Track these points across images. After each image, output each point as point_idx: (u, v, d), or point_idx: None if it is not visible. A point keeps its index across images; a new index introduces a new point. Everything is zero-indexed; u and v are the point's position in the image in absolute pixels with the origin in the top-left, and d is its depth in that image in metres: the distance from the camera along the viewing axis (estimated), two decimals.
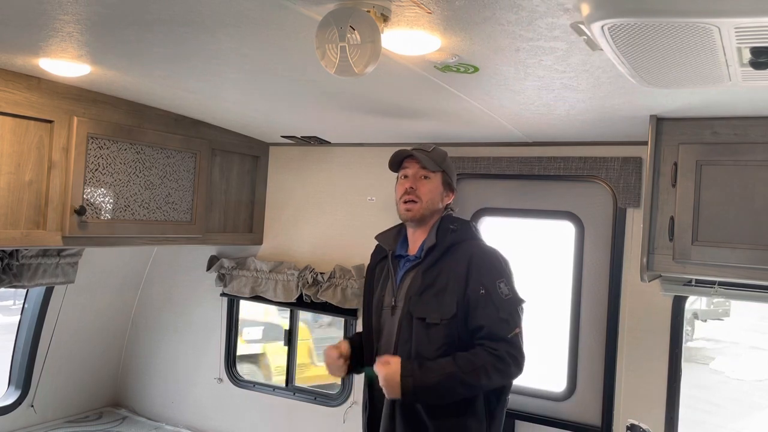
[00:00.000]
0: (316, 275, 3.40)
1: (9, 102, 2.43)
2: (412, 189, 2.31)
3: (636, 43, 1.30)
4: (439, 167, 2.34)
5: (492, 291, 2.17)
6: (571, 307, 2.90)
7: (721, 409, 8.46)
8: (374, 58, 1.47)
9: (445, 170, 2.37)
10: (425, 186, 2.31)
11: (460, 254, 2.24)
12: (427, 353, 2.17)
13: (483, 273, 2.20)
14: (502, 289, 2.18)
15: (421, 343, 2.19)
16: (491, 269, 2.22)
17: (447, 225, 2.32)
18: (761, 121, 2.14)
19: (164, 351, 4.08)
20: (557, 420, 2.88)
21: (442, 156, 2.39)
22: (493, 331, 2.14)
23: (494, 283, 2.18)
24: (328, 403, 3.51)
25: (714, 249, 2.19)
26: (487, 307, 2.15)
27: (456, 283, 2.20)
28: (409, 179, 2.34)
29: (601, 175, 2.79)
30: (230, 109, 2.96)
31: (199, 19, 1.67)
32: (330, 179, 3.55)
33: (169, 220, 3.13)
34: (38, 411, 3.70)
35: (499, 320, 2.14)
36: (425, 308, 2.20)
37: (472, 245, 2.29)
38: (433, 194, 2.33)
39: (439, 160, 2.36)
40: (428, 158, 2.33)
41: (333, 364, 2.38)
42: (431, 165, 2.32)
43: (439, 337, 2.17)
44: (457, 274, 2.20)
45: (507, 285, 2.20)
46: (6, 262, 3.07)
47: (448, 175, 2.38)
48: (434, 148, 2.39)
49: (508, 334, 2.13)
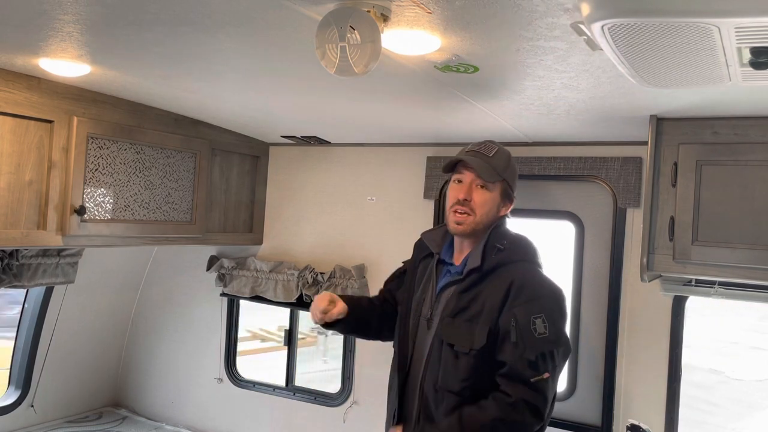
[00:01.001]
0: (316, 275, 3.40)
1: (9, 102, 2.43)
2: (466, 201, 2.04)
3: (636, 43, 1.30)
4: (500, 176, 2.05)
5: (524, 326, 1.91)
6: (571, 307, 2.89)
7: (721, 409, 8.46)
8: (374, 58, 1.46)
9: (506, 178, 2.08)
10: (481, 197, 2.05)
11: (502, 279, 2.00)
12: (452, 384, 2.00)
13: (518, 303, 1.95)
14: (537, 326, 1.91)
15: (447, 371, 2.01)
16: (530, 300, 1.95)
17: (494, 242, 2.05)
18: (761, 121, 2.14)
19: (164, 351, 4.08)
20: (557, 420, 2.87)
21: (505, 161, 2.09)
22: (514, 371, 1.91)
23: (529, 318, 1.92)
24: (328, 403, 3.51)
25: (714, 249, 2.19)
26: (515, 343, 1.91)
27: (490, 310, 1.97)
28: (464, 187, 2.06)
29: (601, 175, 2.79)
30: (230, 109, 2.96)
31: (199, 19, 1.67)
32: (330, 179, 3.55)
33: (169, 220, 3.13)
34: (38, 411, 3.70)
35: (523, 360, 1.90)
36: (455, 334, 2.00)
37: (518, 269, 2.02)
38: (489, 206, 2.06)
39: (501, 168, 2.06)
40: (488, 167, 2.03)
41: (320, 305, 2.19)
42: (491, 176, 2.03)
43: (466, 368, 1.98)
44: (494, 301, 1.97)
45: (546, 323, 1.92)
46: (6, 262, 3.06)
47: (509, 183, 2.10)
48: (498, 149, 2.09)
49: (530, 378, 1.89)
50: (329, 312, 2.22)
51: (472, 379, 1.99)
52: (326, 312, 2.21)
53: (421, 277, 2.23)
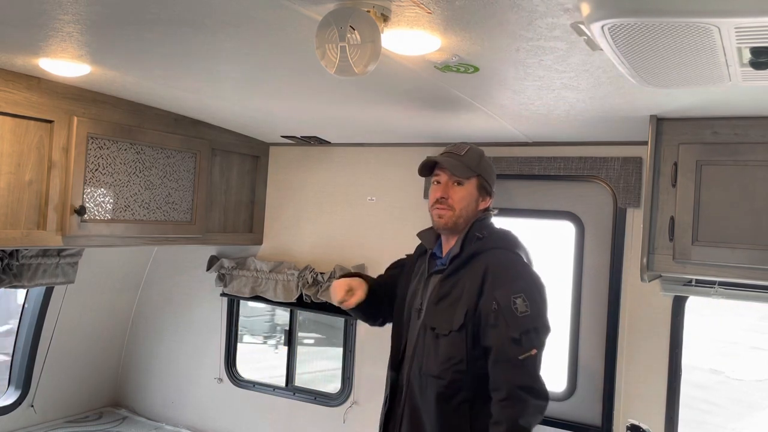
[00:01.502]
0: (316, 275, 3.40)
1: (9, 102, 2.43)
2: (444, 198, 2.18)
3: (636, 43, 1.30)
4: (474, 171, 2.20)
5: (505, 307, 2.00)
6: (571, 307, 2.89)
7: (721, 409, 8.46)
8: (374, 58, 1.46)
9: (481, 173, 2.22)
10: (458, 193, 2.18)
11: (479, 264, 2.11)
12: (433, 368, 2.10)
13: (498, 285, 2.05)
14: (518, 305, 2.00)
15: (429, 356, 2.12)
16: (508, 282, 2.05)
17: (474, 233, 2.18)
18: (761, 121, 2.14)
19: (164, 351, 4.08)
20: (557, 420, 2.87)
21: (476, 158, 2.23)
22: (501, 353, 1.99)
23: (509, 298, 2.01)
24: (328, 403, 3.51)
25: (714, 249, 2.19)
26: (497, 325, 2.00)
27: (469, 293, 2.08)
28: (441, 186, 2.21)
29: (601, 175, 2.79)
30: (230, 109, 2.96)
31: (199, 19, 1.67)
32: (330, 179, 3.54)
33: (169, 220, 3.13)
34: (38, 411, 3.70)
35: (508, 340, 1.98)
36: (437, 318, 2.12)
37: (494, 254, 2.13)
38: (467, 201, 2.19)
39: (473, 164, 2.20)
40: (460, 165, 2.17)
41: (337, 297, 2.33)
42: (463, 172, 2.18)
43: (446, 350, 2.08)
44: (472, 285, 2.09)
45: (527, 302, 2.01)
46: (6, 262, 3.06)
47: (485, 178, 2.23)
48: (469, 148, 2.24)
49: (518, 356, 1.96)
50: (347, 302, 2.35)
51: (452, 362, 2.07)
52: (343, 302, 2.35)
53: (416, 272, 2.36)
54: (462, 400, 2.08)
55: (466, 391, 2.08)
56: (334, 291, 2.37)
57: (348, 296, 2.33)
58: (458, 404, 2.09)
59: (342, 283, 2.36)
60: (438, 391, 2.09)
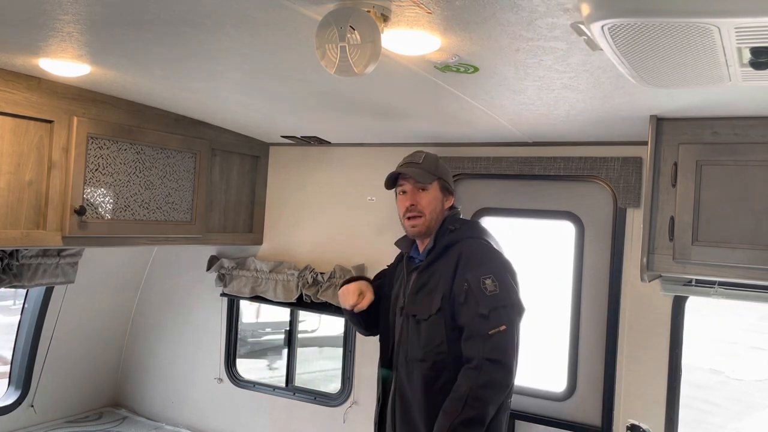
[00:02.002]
0: (316, 275, 3.40)
1: (9, 102, 2.43)
2: (413, 206, 2.30)
3: (636, 43, 1.30)
4: (434, 175, 2.33)
5: (475, 286, 2.13)
6: (571, 307, 2.89)
7: (721, 409, 8.46)
8: (374, 58, 1.47)
9: (440, 176, 2.35)
10: (424, 198, 2.31)
11: (453, 252, 2.25)
12: (416, 352, 2.22)
13: (468, 268, 2.18)
14: (487, 285, 2.13)
15: (412, 341, 2.24)
16: (478, 265, 2.19)
17: (447, 226, 2.32)
18: (761, 121, 2.14)
19: (164, 351, 4.08)
20: (557, 420, 2.87)
21: (434, 163, 2.37)
22: (472, 328, 2.11)
23: (478, 279, 2.14)
24: (328, 403, 3.51)
25: (714, 249, 2.19)
26: (467, 303, 2.13)
27: (444, 280, 2.21)
28: (408, 195, 2.33)
29: (601, 175, 2.79)
30: (230, 109, 2.96)
31: (199, 19, 1.67)
32: (330, 179, 3.54)
33: (169, 220, 3.13)
34: (38, 411, 3.70)
35: (477, 316, 2.10)
36: (417, 307, 2.25)
37: (466, 243, 2.27)
38: (434, 204, 2.32)
39: (432, 169, 2.33)
40: (421, 172, 2.31)
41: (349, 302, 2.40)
42: (426, 178, 2.30)
43: (426, 334, 2.20)
44: (446, 272, 2.22)
45: (495, 282, 2.13)
46: (6, 262, 3.07)
47: (444, 180, 2.37)
48: (425, 156, 2.37)
49: (487, 331, 2.07)
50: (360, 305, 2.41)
51: (433, 344, 2.19)
52: (355, 305, 2.41)
53: (397, 277, 2.48)
54: (445, 381, 2.16)
55: (448, 372, 2.16)
56: (345, 296, 2.43)
57: (360, 299, 2.41)
58: (442, 385, 2.16)
59: (353, 287, 2.44)
60: (423, 374, 2.20)
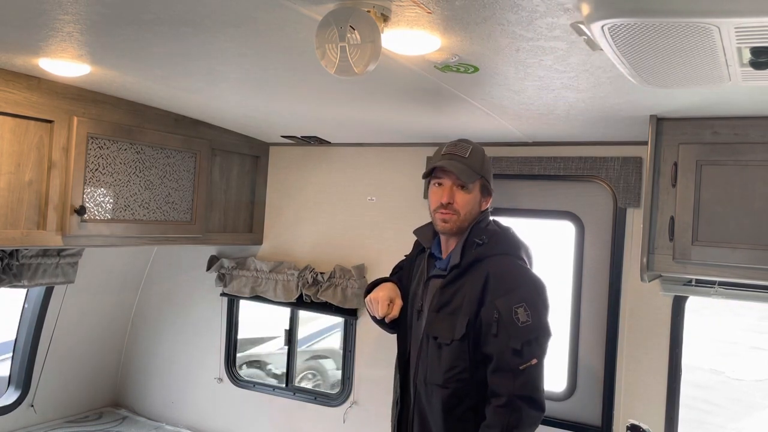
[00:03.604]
0: (316, 275, 3.40)
1: (9, 102, 2.43)
2: (449, 204, 2.12)
3: (636, 43, 1.30)
4: (478, 174, 2.14)
5: (506, 317, 1.97)
6: (571, 307, 2.89)
7: (721, 409, 8.46)
8: (374, 58, 1.46)
9: (484, 175, 2.16)
10: (463, 198, 2.13)
11: (480, 272, 2.07)
12: (436, 377, 2.10)
13: (499, 294, 2.02)
14: (520, 315, 1.97)
15: (431, 364, 2.12)
16: (509, 290, 2.02)
17: (473, 238, 2.13)
18: (761, 121, 2.14)
19: (164, 351, 4.08)
20: (557, 420, 2.87)
21: (480, 159, 2.16)
22: (502, 362, 1.97)
23: (510, 308, 1.98)
24: (328, 403, 3.51)
25: (714, 249, 2.19)
26: (498, 335, 1.97)
27: (470, 302, 2.05)
28: (445, 190, 2.13)
29: (601, 175, 2.79)
30: (230, 109, 2.96)
31: (199, 19, 1.67)
32: (330, 179, 3.54)
33: (169, 220, 3.13)
34: (38, 411, 3.70)
35: (509, 350, 1.96)
36: (438, 327, 2.11)
37: (495, 262, 2.09)
38: (471, 205, 2.15)
39: (477, 167, 2.14)
40: (466, 169, 2.10)
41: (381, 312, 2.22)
42: (469, 177, 2.11)
43: (448, 359, 2.07)
44: (473, 294, 2.06)
45: (528, 311, 1.98)
46: (6, 262, 3.07)
47: (487, 179, 2.18)
48: (472, 148, 2.16)
49: (519, 366, 1.95)
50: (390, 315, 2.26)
51: (455, 371, 2.06)
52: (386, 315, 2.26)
53: (416, 271, 2.34)
54: (466, 408, 2.08)
55: (470, 399, 2.07)
56: (374, 306, 2.26)
57: (390, 308, 2.25)
58: (463, 412, 2.08)
59: (383, 295, 2.26)
60: (443, 400, 2.09)
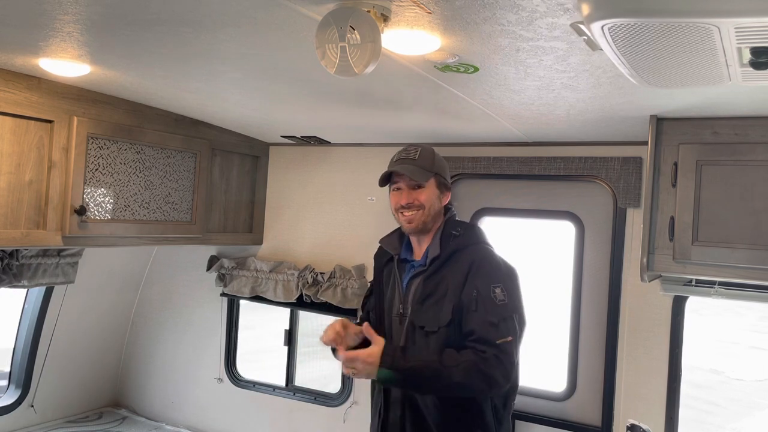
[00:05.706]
0: (316, 275, 3.40)
1: (9, 102, 2.43)
2: (410, 204, 2.21)
3: (636, 43, 1.30)
4: (430, 172, 2.23)
5: (485, 294, 2.08)
6: (571, 307, 2.90)
7: (721, 409, 8.46)
8: (374, 58, 1.46)
9: (437, 172, 2.26)
10: (421, 195, 2.22)
11: (463, 260, 2.17)
12: None
13: (479, 276, 2.12)
14: (497, 294, 2.09)
15: (420, 352, 2.13)
16: (489, 274, 2.13)
17: (450, 230, 2.24)
18: (761, 121, 2.14)
19: (164, 351, 4.08)
20: (557, 420, 2.88)
21: (430, 158, 2.26)
22: (482, 335, 2.04)
23: (488, 287, 2.09)
24: (328, 403, 3.51)
25: (714, 249, 2.19)
26: (477, 310, 2.08)
27: (454, 289, 2.13)
28: (403, 192, 2.23)
29: (601, 175, 2.79)
30: (230, 109, 2.96)
31: (199, 19, 1.67)
32: (330, 179, 3.55)
33: (169, 220, 3.13)
34: (38, 411, 3.70)
35: (488, 324, 2.05)
36: (425, 316, 2.16)
37: (476, 250, 2.20)
38: (432, 200, 2.23)
39: (428, 165, 2.23)
40: (417, 169, 2.21)
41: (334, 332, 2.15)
42: (422, 176, 2.21)
43: (436, 345, 2.11)
44: (456, 280, 2.14)
45: (504, 292, 2.10)
46: (6, 262, 3.07)
47: (441, 175, 2.27)
48: (420, 150, 2.26)
49: (496, 339, 2.03)
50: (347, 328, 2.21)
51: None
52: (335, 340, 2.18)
53: (387, 281, 2.36)
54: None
55: None
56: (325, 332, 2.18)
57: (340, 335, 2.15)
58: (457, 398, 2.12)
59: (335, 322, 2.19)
60: None
